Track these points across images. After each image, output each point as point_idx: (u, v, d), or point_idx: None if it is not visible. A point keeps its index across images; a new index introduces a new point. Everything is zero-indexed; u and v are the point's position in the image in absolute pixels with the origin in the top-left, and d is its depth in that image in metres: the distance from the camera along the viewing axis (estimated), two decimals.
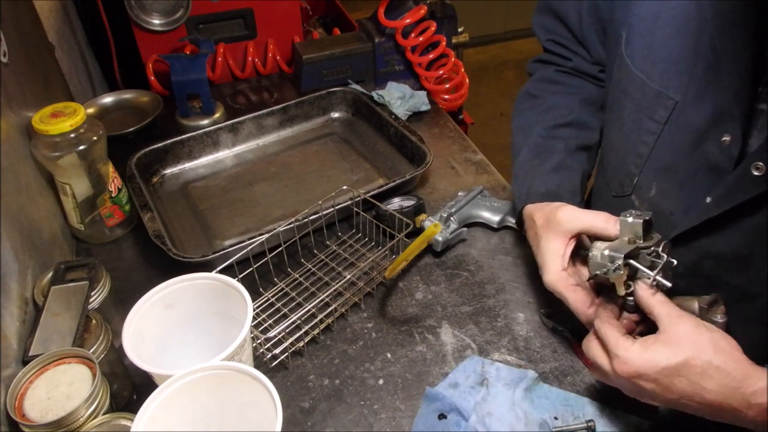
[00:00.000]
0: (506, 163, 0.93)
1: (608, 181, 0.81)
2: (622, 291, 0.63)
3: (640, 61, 0.71)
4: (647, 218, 0.63)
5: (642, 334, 0.63)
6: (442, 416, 0.70)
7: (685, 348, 0.56)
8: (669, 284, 0.61)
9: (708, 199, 0.64)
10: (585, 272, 0.71)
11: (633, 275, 0.62)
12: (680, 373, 0.56)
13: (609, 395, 0.72)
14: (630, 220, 0.63)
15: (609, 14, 0.78)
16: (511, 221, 0.94)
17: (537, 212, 0.75)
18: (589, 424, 0.68)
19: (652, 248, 0.62)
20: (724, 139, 0.63)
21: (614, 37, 0.76)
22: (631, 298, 0.63)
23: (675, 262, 0.62)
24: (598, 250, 0.65)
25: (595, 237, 0.68)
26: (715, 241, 0.66)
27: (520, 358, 0.77)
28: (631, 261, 0.62)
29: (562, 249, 0.70)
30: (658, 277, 0.61)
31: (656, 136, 0.70)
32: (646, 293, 0.61)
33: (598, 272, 0.63)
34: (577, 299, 0.67)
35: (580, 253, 0.71)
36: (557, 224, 0.70)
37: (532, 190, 0.79)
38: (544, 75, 0.91)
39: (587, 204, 0.84)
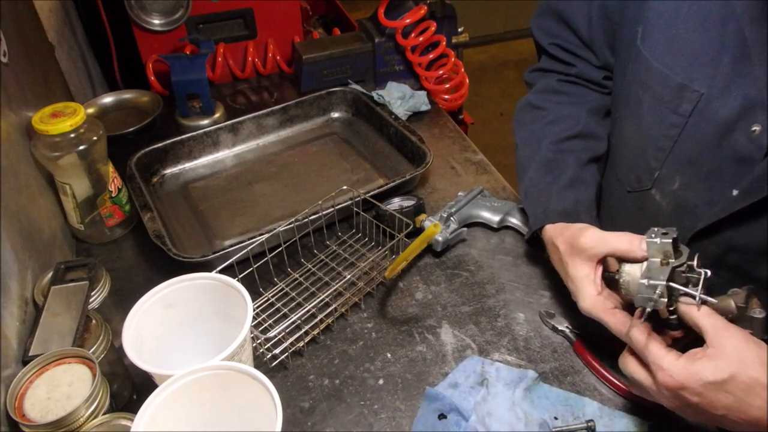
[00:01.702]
0: (506, 163, 0.93)
1: (621, 178, 0.81)
2: (665, 313, 0.61)
3: (662, 54, 0.70)
4: (675, 236, 0.61)
5: (687, 346, 0.61)
6: (442, 416, 0.70)
7: (731, 363, 0.55)
8: (714, 300, 0.59)
9: (735, 192, 0.64)
10: (614, 295, 0.69)
11: (672, 294, 0.61)
12: (726, 388, 0.55)
13: (609, 396, 0.73)
14: (658, 241, 0.61)
15: (619, 15, 0.77)
16: (512, 221, 0.94)
17: (558, 237, 0.74)
18: (589, 424, 0.68)
19: (685, 264, 0.61)
20: (753, 129, 0.63)
21: (629, 34, 0.75)
22: (674, 316, 0.61)
23: (709, 273, 0.60)
24: (630, 276, 0.64)
25: (620, 259, 0.67)
26: (740, 234, 0.66)
27: (520, 358, 0.77)
28: (672, 284, 0.60)
29: (592, 274, 0.68)
30: (702, 296, 0.59)
31: (680, 129, 0.70)
32: (691, 309, 0.59)
33: (648, 308, 0.60)
34: (617, 322, 0.65)
35: (603, 275, 0.70)
36: (582, 250, 0.69)
37: (548, 209, 0.78)
38: (547, 85, 0.89)
39: (597, 202, 0.84)
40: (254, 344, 0.77)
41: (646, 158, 0.75)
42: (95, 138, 0.89)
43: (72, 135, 0.86)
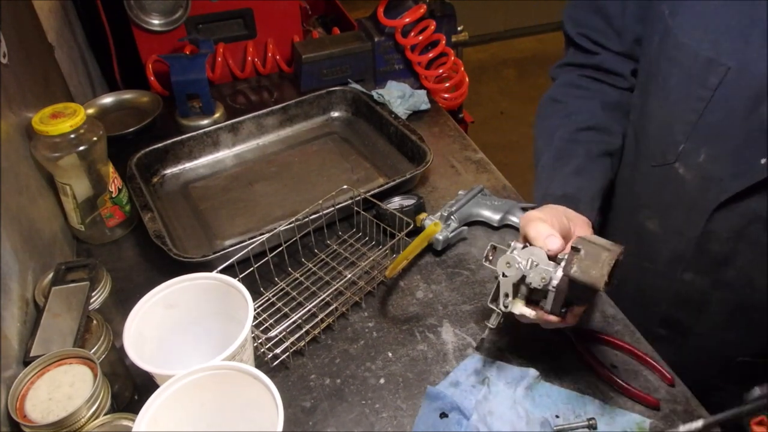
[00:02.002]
0: (506, 161, 0.93)
1: (646, 152, 0.82)
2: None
3: (690, 30, 0.71)
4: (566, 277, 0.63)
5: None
6: (443, 415, 0.70)
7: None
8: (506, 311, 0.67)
9: (763, 161, 0.66)
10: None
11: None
12: None
13: (610, 394, 0.72)
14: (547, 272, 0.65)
15: None
16: (512, 220, 0.94)
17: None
18: (591, 422, 0.68)
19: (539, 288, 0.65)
20: None
21: (659, 11, 0.76)
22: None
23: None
24: (515, 251, 0.67)
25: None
26: (765, 204, 0.67)
27: (522, 356, 0.77)
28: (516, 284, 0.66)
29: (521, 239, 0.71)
30: (503, 308, 0.67)
31: (706, 102, 0.71)
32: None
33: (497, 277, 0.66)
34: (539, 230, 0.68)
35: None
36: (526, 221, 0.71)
37: (548, 192, 0.79)
38: (567, 79, 0.91)
39: (623, 177, 0.88)
40: (255, 344, 0.77)
41: (672, 132, 0.76)
42: (95, 138, 0.89)
43: (72, 135, 0.86)
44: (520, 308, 0.67)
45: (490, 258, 0.69)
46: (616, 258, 0.62)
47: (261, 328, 0.81)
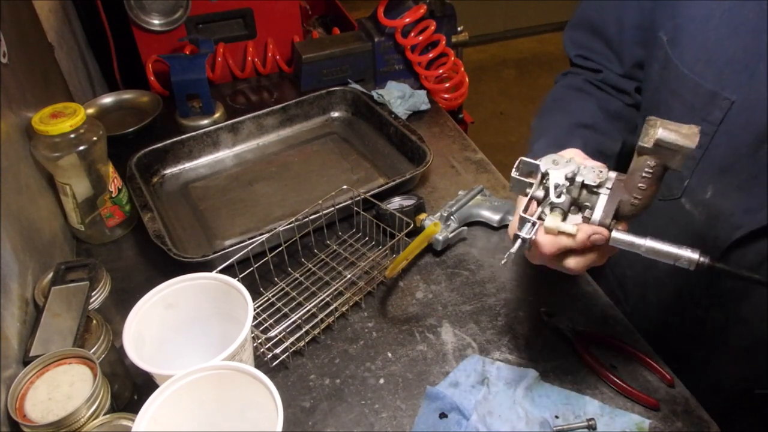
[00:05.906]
0: (506, 162, 0.93)
1: None
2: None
3: (692, 61, 0.69)
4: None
5: None
6: (443, 415, 0.70)
7: None
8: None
9: None
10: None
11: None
12: None
13: (610, 394, 0.73)
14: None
15: (651, 16, 0.76)
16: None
17: None
18: (590, 422, 0.68)
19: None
20: None
21: (659, 40, 0.74)
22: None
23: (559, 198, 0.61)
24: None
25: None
26: None
27: (521, 356, 0.77)
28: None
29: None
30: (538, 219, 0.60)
31: (710, 137, 0.69)
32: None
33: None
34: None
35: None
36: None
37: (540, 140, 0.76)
38: (571, 82, 0.88)
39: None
40: (255, 344, 0.77)
41: None
42: (95, 138, 0.89)
43: (72, 135, 0.86)
44: (556, 222, 0.57)
45: (521, 168, 0.61)
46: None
47: (261, 328, 0.81)
